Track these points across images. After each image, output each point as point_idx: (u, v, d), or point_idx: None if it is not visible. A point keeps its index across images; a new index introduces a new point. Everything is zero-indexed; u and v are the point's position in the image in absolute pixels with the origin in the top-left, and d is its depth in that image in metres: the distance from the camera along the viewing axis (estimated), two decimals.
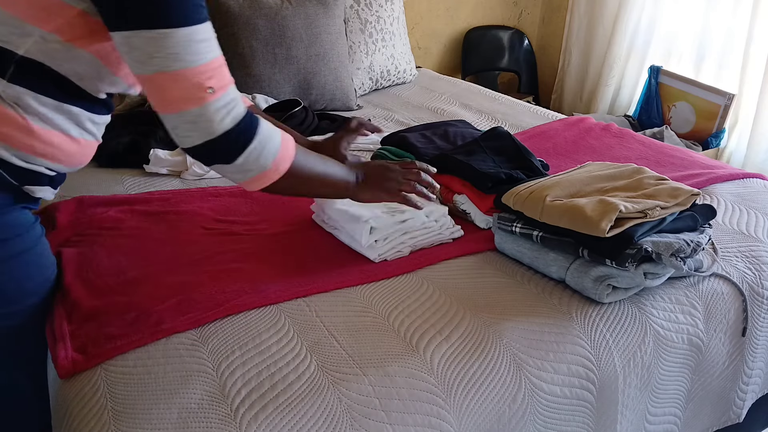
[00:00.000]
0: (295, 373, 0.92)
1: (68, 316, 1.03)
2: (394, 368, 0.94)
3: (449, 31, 3.13)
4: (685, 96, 2.63)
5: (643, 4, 2.80)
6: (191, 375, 0.91)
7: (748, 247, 1.29)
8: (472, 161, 1.38)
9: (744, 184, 1.56)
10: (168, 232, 1.29)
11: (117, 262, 1.17)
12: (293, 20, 2.08)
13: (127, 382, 0.90)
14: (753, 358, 1.24)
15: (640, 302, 1.12)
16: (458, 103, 2.22)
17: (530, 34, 3.35)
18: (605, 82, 2.98)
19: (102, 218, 1.32)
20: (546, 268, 1.16)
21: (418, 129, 1.68)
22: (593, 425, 1.05)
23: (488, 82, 3.13)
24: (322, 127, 1.83)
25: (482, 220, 1.33)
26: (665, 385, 1.13)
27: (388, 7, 2.39)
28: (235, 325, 1.01)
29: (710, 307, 1.16)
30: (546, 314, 1.07)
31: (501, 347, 1.00)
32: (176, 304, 1.05)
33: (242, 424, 0.84)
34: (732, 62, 2.57)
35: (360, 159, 1.21)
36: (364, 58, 2.31)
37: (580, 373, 1.02)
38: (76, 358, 0.95)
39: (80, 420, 0.87)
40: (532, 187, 1.20)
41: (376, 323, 1.03)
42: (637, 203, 1.10)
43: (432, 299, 1.09)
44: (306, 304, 1.07)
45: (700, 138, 2.57)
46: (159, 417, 0.85)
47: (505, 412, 0.96)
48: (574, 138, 1.83)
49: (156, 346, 0.96)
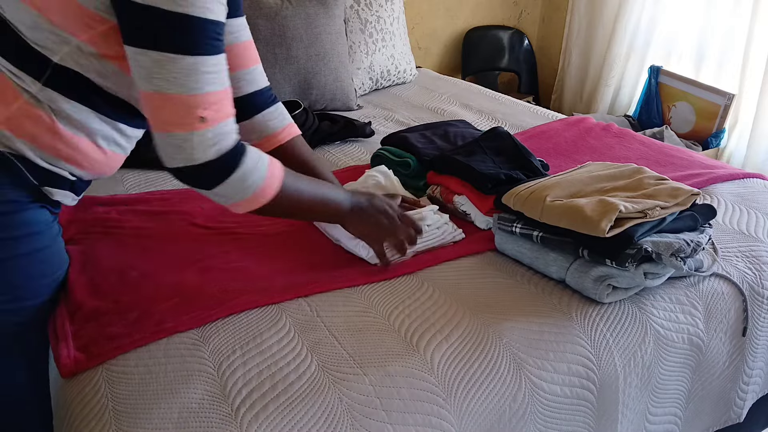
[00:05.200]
0: (296, 373, 0.92)
1: (70, 316, 1.03)
2: (394, 368, 0.95)
3: (449, 31, 3.13)
4: (685, 96, 2.63)
5: (643, 4, 2.80)
6: (192, 375, 0.91)
7: (749, 247, 1.29)
8: (472, 162, 1.38)
9: (744, 184, 1.56)
10: (169, 231, 1.29)
11: (119, 262, 1.17)
12: (293, 20, 2.08)
13: (128, 382, 0.91)
14: (753, 358, 1.24)
15: (640, 302, 1.12)
16: (458, 103, 2.22)
17: (530, 34, 3.35)
18: (605, 82, 2.99)
19: (104, 218, 1.32)
20: (546, 269, 1.16)
21: (418, 129, 1.68)
22: (594, 425, 1.05)
23: (488, 82, 3.13)
24: (322, 128, 1.83)
25: (482, 220, 1.33)
26: (665, 384, 1.13)
27: (388, 7, 2.39)
28: (236, 324, 1.01)
29: (710, 307, 1.16)
30: (546, 314, 1.08)
31: (501, 347, 1.01)
32: (178, 303, 1.05)
33: (243, 424, 0.84)
34: (732, 62, 2.57)
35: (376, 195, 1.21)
36: (364, 58, 2.31)
37: (581, 373, 1.02)
38: (79, 357, 0.95)
39: (81, 419, 0.87)
40: (532, 188, 1.20)
41: (376, 323, 1.04)
42: (637, 203, 1.10)
43: (432, 299, 1.09)
44: (307, 304, 1.07)
45: (700, 138, 2.57)
46: (160, 417, 0.85)
47: (506, 412, 0.96)
48: (574, 138, 1.83)
49: (157, 346, 0.97)
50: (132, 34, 0.85)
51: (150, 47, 0.84)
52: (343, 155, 1.76)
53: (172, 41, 0.84)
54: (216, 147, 0.90)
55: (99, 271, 1.14)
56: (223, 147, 0.90)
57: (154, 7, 0.82)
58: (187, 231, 1.30)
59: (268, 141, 1.25)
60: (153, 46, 0.84)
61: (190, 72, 0.85)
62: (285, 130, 1.27)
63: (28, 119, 0.91)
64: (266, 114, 1.24)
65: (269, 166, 0.98)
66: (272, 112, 1.26)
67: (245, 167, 0.93)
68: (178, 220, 1.34)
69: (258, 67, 1.24)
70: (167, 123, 0.88)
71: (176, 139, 0.88)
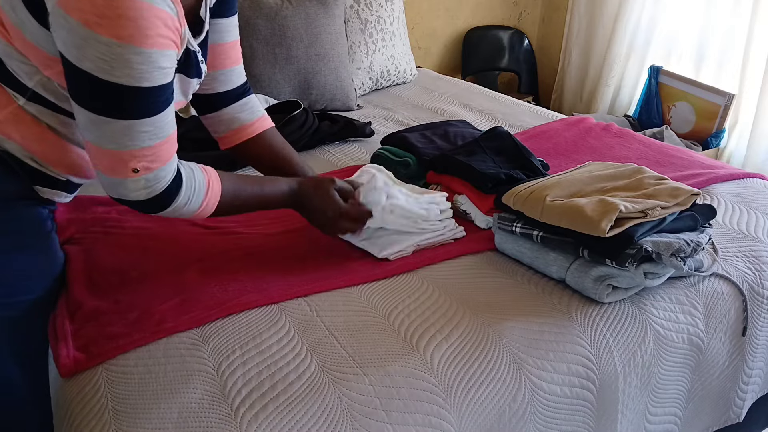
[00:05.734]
0: (296, 373, 0.92)
1: (70, 316, 1.03)
2: (394, 368, 0.94)
3: (449, 31, 3.13)
4: (685, 96, 2.63)
5: (643, 4, 2.80)
6: (192, 374, 0.91)
7: (748, 247, 1.29)
8: (472, 162, 1.38)
9: (744, 184, 1.56)
10: (169, 231, 1.29)
11: (119, 262, 1.17)
12: (293, 20, 2.08)
13: (127, 382, 0.91)
14: (753, 358, 1.24)
15: (640, 302, 1.12)
16: (458, 103, 2.22)
17: (530, 34, 3.35)
18: (605, 82, 2.99)
19: (103, 218, 1.32)
20: (546, 268, 1.16)
21: (418, 129, 1.68)
22: (594, 424, 1.05)
23: (488, 82, 3.13)
24: (322, 128, 1.83)
25: (482, 220, 1.33)
26: (665, 384, 1.13)
27: (388, 7, 2.39)
28: (236, 324, 1.01)
29: (710, 307, 1.16)
30: (546, 314, 1.08)
31: (501, 347, 1.00)
32: (178, 303, 1.05)
33: (242, 424, 0.84)
34: (732, 62, 2.57)
35: (332, 178, 1.22)
36: (364, 58, 2.31)
37: (580, 373, 1.02)
38: (78, 357, 0.95)
39: (81, 419, 0.87)
40: (533, 187, 1.20)
41: (376, 323, 1.03)
42: (637, 203, 1.10)
43: (432, 299, 1.09)
44: (307, 304, 1.07)
45: (700, 138, 2.57)
46: (159, 416, 0.85)
47: (506, 412, 0.96)
48: (574, 138, 1.83)
49: (157, 346, 0.97)
50: (71, 89, 0.86)
51: (86, 107, 0.85)
52: (343, 155, 1.76)
53: (106, 107, 0.85)
54: (148, 191, 0.93)
55: (99, 271, 1.14)
56: (156, 190, 0.93)
57: (89, 73, 0.82)
58: (187, 231, 1.30)
59: (237, 133, 1.25)
60: (89, 107, 0.85)
61: (124, 132, 0.87)
62: (256, 123, 1.26)
63: (19, 124, 0.93)
64: (235, 107, 1.24)
65: (207, 189, 1.01)
66: (242, 104, 1.25)
67: (179, 203, 0.97)
68: (179, 220, 1.34)
69: (237, 69, 1.23)
70: (104, 168, 0.91)
71: (111, 181, 0.92)
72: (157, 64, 0.84)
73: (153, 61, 0.83)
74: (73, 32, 0.79)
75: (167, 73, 0.88)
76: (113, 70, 0.81)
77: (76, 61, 0.81)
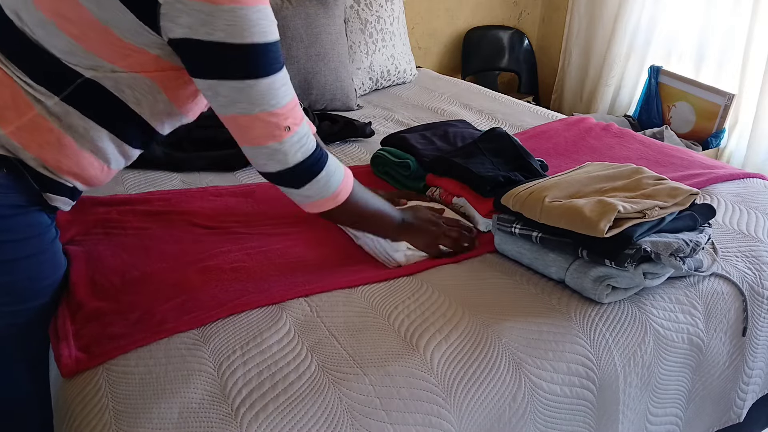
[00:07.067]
0: (296, 373, 0.93)
1: (72, 316, 1.03)
2: (394, 368, 0.95)
3: (449, 31, 3.13)
4: (685, 96, 2.64)
5: (643, 4, 2.80)
6: (192, 374, 0.92)
7: (748, 247, 1.29)
8: (470, 164, 1.38)
9: (744, 184, 1.56)
10: (170, 232, 1.29)
11: (120, 262, 1.17)
12: (293, 20, 2.08)
13: (128, 382, 0.91)
14: (753, 358, 1.24)
15: (639, 302, 1.12)
16: (458, 103, 2.22)
17: (530, 34, 3.35)
18: (605, 82, 2.99)
19: (104, 219, 1.32)
20: (545, 269, 1.16)
21: (418, 129, 1.68)
22: (594, 424, 1.05)
23: (488, 82, 3.13)
24: (322, 128, 1.83)
25: (482, 223, 1.33)
26: (666, 384, 1.13)
27: (388, 7, 2.39)
28: (236, 324, 1.01)
29: (710, 307, 1.17)
30: (545, 314, 1.08)
31: (500, 347, 1.01)
32: (179, 303, 1.05)
33: (243, 424, 0.85)
34: (732, 62, 2.57)
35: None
36: (364, 58, 2.31)
37: (580, 373, 1.02)
38: (80, 357, 0.95)
39: (82, 419, 0.87)
40: (532, 188, 1.20)
41: (376, 323, 1.04)
42: (636, 203, 1.10)
43: (432, 300, 1.09)
44: (307, 304, 1.08)
45: (700, 138, 2.57)
46: (160, 416, 0.85)
47: (506, 412, 0.96)
48: (574, 138, 1.83)
49: (158, 346, 0.97)
50: (204, 68, 0.91)
51: (226, 77, 0.90)
52: (343, 155, 1.76)
53: (246, 70, 0.90)
54: (303, 149, 0.99)
55: (100, 272, 1.14)
56: (309, 148, 1.00)
57: (223, 43, 0.87)
58: (188, 231, 1.30)
59: None
60: (229, 77, 0.90)
61: (268, 91, 0.92)
62: None
63: (37, 131, 0.93)
64: None
65: (345, 170, 1.08)
66: None
67: (329, 168, 1.03)
68: (179, 220, 1.34)
69: None
70: (257, 138, 0.96)
71: (268, 150, 0.96)
72: (271, 17, 0.91)
73: (267, 15, 0.90)
74: (195, 13, 0.84)
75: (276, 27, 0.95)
76: (244, 32, 0.87)
77: (207, 37, 0.86)
